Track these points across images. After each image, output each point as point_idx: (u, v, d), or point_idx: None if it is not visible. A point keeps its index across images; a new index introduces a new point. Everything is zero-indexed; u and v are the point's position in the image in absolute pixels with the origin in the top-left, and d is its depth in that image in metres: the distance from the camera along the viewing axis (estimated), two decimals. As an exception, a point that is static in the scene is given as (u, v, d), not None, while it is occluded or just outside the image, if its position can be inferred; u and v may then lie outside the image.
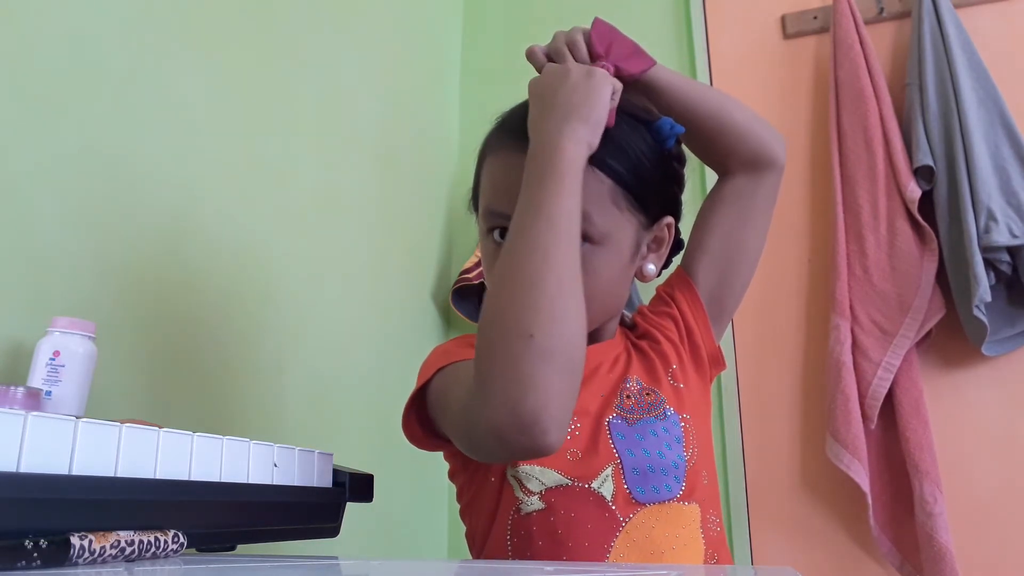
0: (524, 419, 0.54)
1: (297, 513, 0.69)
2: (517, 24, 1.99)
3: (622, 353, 0.82)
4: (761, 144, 0.83)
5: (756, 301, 1.59)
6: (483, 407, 0.57)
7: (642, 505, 0.71)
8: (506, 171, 0.72)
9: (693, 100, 0.80)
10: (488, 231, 0.76)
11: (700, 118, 0.80)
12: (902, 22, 1.64)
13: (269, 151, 1.16)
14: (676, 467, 0.74)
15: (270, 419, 1.10)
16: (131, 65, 0.90)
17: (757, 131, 0.83)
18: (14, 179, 0.74)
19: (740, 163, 0.83)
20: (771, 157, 0.83)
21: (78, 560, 0.41)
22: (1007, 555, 1.35)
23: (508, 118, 0.78)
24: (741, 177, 0.84)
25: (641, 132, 0.74)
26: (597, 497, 0.70)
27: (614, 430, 0.73)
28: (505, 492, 0.73)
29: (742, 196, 0.84)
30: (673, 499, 0.73)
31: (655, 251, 0.79)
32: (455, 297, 1.67)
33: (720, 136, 0.82)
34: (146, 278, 0.90)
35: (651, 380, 0.79)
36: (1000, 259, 1.36)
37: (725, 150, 0.83)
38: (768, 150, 0.83)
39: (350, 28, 1.44)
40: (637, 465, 0.72)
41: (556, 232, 0.61)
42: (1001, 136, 1.43)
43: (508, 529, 0.73)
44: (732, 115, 0.82)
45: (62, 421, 0.44)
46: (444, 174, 1.85)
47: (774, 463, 1.52)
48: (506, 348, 0.56)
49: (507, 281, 0.60)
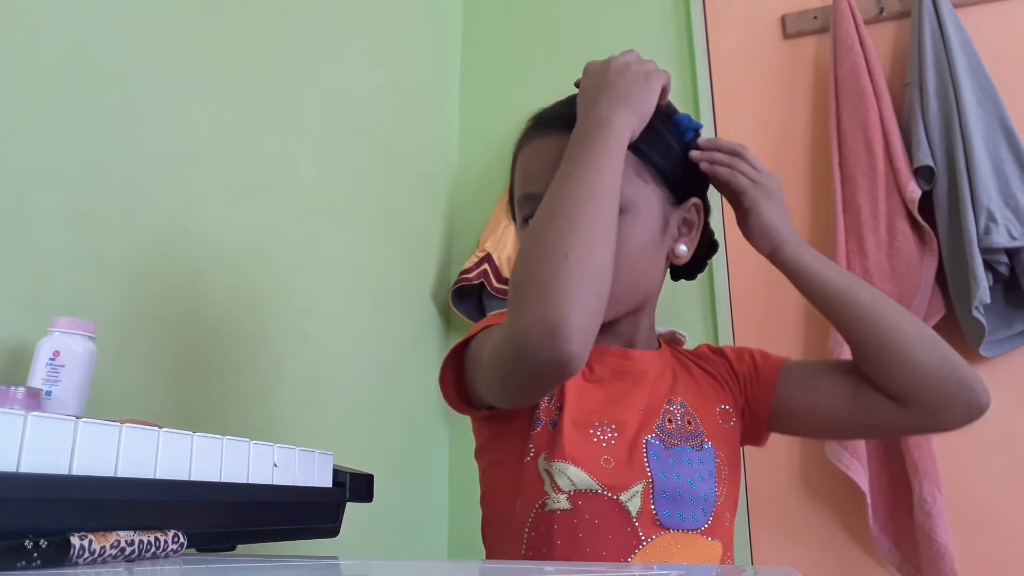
0: (550, 323, 0.58)
1: (297, 513, 0.69)
2: (517, 24, 1.99)
3: (667, 369, 0.82)
4: (945, 404, 0.73)
5: (756, 301, 1.59)
6: (514, 323, 0.61)
7: (666, 529, 0.71)
8: (538, 155, 0.76)
9: (835, 295, 0.76)
10: (524, 220, 0.77)
11: (848, 326, 0.76)
12: (902, 22, 1.64)
13: (269, 151, 1.16)
14: (706, 500, 0.74)
15: (270, 419, 1.10)
16: (131, 65, 0.90)
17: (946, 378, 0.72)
18: (14, 179, 0.74)
19: (897, 396, 0.74)
20: (949, 423, 0.74)
21: (78, 560, 0.41)
22: (1006, 555, 1.35)
23: (538, 115, 0.82)
24: (894, 406, 0.75)
25: (662, 119, 0.77)
26: (623, 510, 0.70)
27: (650, 449, 0.73)
28: (535, 483, 0.73)
29: (874, 412, 0.76)
30: (698, 530, 0.73)
31: (686, 234, 0.81)
32: (455, 297, 1.67)
33: (883, 361, 0.74)
34: (146, 278, 0.90)
35: (697, 406, 0.79)
36: (999, 260, 1.36)
37: (883, 375, 0.74)
38: (952, 415, 0.74)
39: (350, 28, 1.44)
40: (667, 488, 0.72)
41: (599, 175, 0.65)
42: (1000, 138, 1.43)
43: (529, 522, 0.73)
44: (915, 347, 0.73)
45: (62, 421, 0.44)
46: (444, 174, 1.85)
47: (774, 463, 1.52)
48: (541, 265, 0.61)
49: (549, 211, 0.64)
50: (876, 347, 0.75)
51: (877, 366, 0.75)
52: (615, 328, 0.79)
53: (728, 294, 1.61)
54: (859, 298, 0.76)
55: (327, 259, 1.30)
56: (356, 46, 1.46)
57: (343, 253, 1.35)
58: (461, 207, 1.87)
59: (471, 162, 1.90)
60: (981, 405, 0.73)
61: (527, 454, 0.74)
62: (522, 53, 1.94)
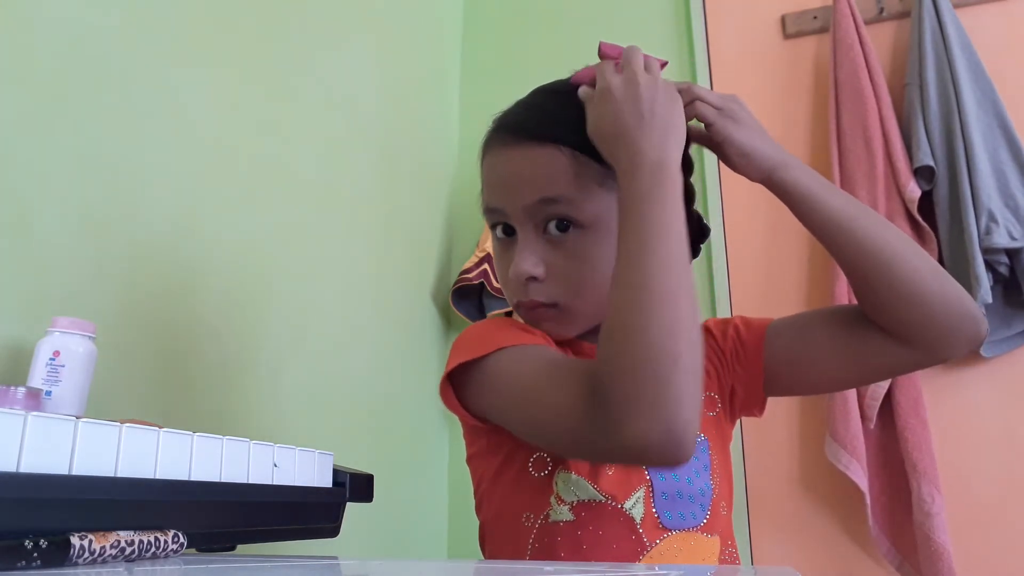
0: (677, 434, 0.55)
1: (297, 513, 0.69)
2: (517, 24, 1.99)
3: None
4: (948, 336, 0.70)
5: (756, 301, 1.60)
6: (630, 423, 0.56)
7: (668, 531, 0.71)
8: (499, 167, 0.73)
9: (841, 225, 0.71)
10: (492, 227, 0.76)
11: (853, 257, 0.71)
12: (902, 22, 1.64)
13: (269, 151, 1.16)
14: (703, 495, 0.73)
15: (270, 419, 1.10)
16: (131, 65, 0.90)
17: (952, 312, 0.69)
18: (14, 179, 0.74)
19: (900, 332, 0.72)
20: (949, 354, 0.71)
21: (78, 560, 0.41)
22: (1005, 555, 1.35)
23: (502, 118, 0.77)
24: (889, 342, 0.72)
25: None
26: (627, 518, 0.70)
27: None
28: (537, 494, 0.72)
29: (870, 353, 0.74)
30: (697, 527, 0.72)
31: None
32: (455, 297, 1.67)
33: (886, 294, 0.70)
34: (146, 278, 0.90)
35: None
36: (999, 261, 1.36)
37: (887, 309, 0.71)
38: (953, 346, 0.71)
39: (350, 28, 1.44)
40: (666, 489, 0.71)
41: (682, 250, 0.60)
42: (999, 138, 1.43)
43: (532, 534, 0.72)
44: (922, 280, 0.69)
45: (62, 421, 0.44)
46: (444, 174, 1.85)
47: (773, 463, 1.52)
48: (656, 369, 0.56)
49: (642, 296, 0.58)
50: (884, 282, 0.70)
51: (883, 302, 0.71)
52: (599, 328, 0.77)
53: (727, 281, 1.62)
54: (866, 227, 0.70)
55: (327, 259, 1.30)
56: (356, 46, 1.46)
57: (343, 253, 1.35)
58: (461, 207, 1.87)
59: (471, 162, 1.89)
60: (981, 335, 0.70)
61: (529, 465, 0.73)
62: (522, 53, 1.94)
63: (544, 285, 0.71)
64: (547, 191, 0.69)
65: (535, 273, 0.70)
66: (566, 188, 0.69)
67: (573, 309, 0.72)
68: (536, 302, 0.71)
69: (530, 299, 0.72)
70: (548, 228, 0.71)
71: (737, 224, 1.67)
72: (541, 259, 0.71)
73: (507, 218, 0.73)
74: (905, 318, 0.70)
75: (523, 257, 0.70)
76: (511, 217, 0.72)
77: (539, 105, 0.75)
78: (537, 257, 0.70)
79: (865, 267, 0.71)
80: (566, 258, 0.70)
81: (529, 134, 0.71)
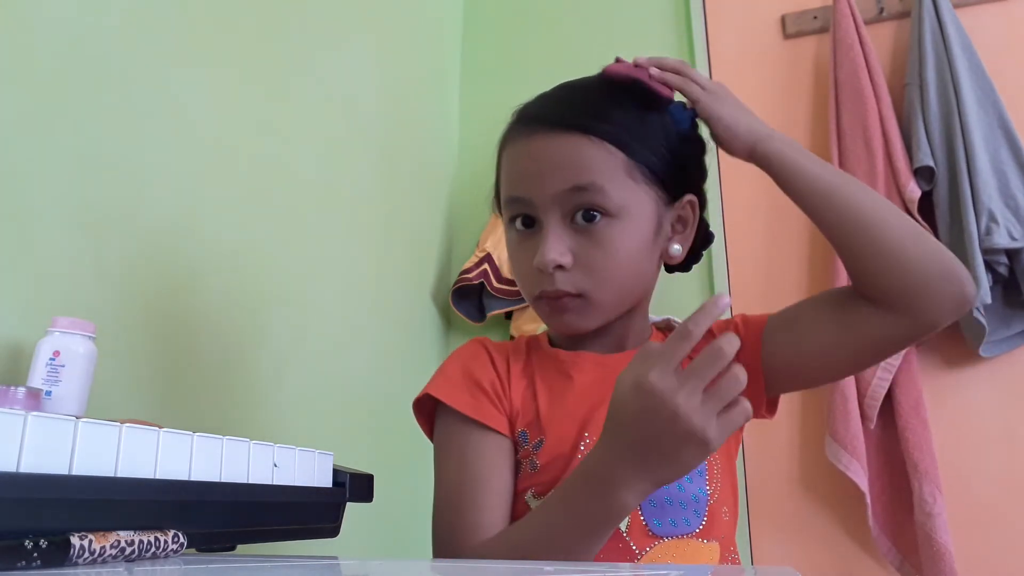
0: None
1: (297, 513, 0.69)
2: (517, 24, 1.99)
3: None
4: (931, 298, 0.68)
5: (756, 301, 1.59)
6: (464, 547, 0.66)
7: (659, 538, 0.69)
8: (525, 156, 0.73)
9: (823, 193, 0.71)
10: (511, 220, 0.76)
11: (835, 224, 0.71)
12: (902, 22, 1.64)
13: (269, 151, 1.16)
14: (697, 501, 0.71)
15: (270, 419, 1.10)
16: (131, 65, 0.90)
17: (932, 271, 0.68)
18: (14, 179, 0.74)
19: (886, 299, 0.70)
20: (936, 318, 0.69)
21: (78, 560, 0.41)
22: (1006, 555, 1.35)
23: (525, 110, 0.78)
24: (877, 312, 0.71)
25: (655, 114, 0.74)
26: None
27: None
28: (519, 511, 0.72)
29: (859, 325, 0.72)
30: (691, 534, 0.70)
31: (680, 232, 0.77)
32: (455, 297, 1.67)
33: (869, 259, 0.70)
34: (146, 278, 0.90)
35: None
36: (998, 261, 1.36)
37: (871, 275, 0.70)
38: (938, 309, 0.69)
39: (350, 28, 1.44)
40: (655, 496, 0.66)
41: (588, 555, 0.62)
42: (1000, 138, 1.43)
43: None
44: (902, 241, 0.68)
45: (62, 421, 0.44)
46: (444, 174, 1.85)
47: (773, 463, 1.52)
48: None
49: (540, 546, 0.63)
50: (868, 248, 0.69)
51: (867, 268, 0.70)
52: (607, 329, 0.77)
53: (727, 281, 1.62)
54: (848, 194, 0.71)
55: (327, 259, 1.29)
56: (356, 46, 1.46)
57: (343, 253, 1.35)
58: (461, 207, 1.87)
59: (471, 162, 1.90)
60: (968, 296, 0.69)
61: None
62: (522, 53, 1.94)
63: (570, 274, 0.71)
64: (580, 179, 0.69)
65: (563, 262, 0.70)
66: (598, 176, 0.69)
67: (598, 300, 0.72)
68: (562, 292, 0.71)
69: (556, 288, 0.71)
70: (576, 218, 0.71)
71: (737, 224, 1.67)
72: (568, 248, 0.70)
73: (531, 208, 0.72)
74: (888, 283, 0.69)
75: (551, 246, 0.70)
76: (537, 207, 0.72)
77: (567, 97, 0.76)
78: (564, 246, 0.70)
79: (849, 234, 0.71)
80: (594, 247, 0.70)
81: (559, 123, 0.71)
